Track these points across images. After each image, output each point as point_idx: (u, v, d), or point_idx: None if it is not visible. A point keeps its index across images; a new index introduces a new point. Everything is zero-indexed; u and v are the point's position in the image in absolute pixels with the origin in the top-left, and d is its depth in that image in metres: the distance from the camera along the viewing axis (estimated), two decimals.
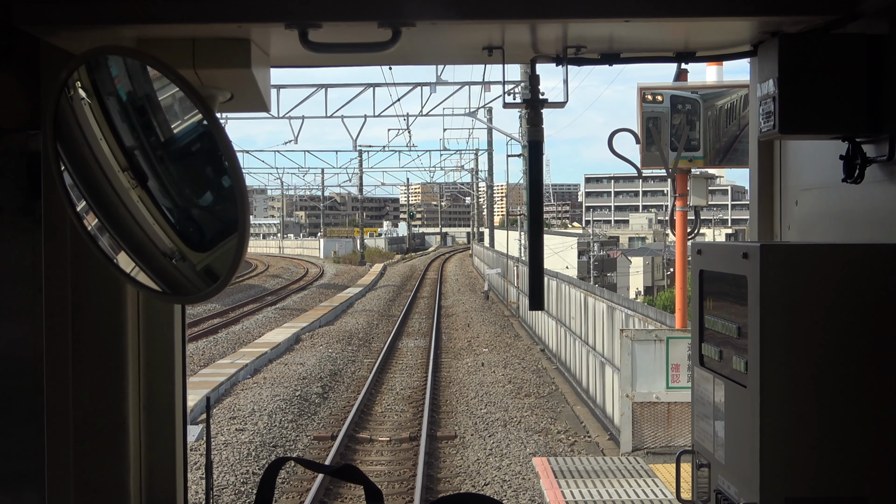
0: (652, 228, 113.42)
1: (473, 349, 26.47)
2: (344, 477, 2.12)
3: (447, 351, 26.71)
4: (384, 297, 44.50)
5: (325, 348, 26.28)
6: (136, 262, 2.36)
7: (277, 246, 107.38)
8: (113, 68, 2.32)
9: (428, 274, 63.99)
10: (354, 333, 29.90)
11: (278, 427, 16.70)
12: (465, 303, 40.70)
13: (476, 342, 27.90)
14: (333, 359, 24.40)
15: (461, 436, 16.40)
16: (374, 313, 36.42)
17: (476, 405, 18.71)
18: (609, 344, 17.22)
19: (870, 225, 2.79)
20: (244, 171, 2.31)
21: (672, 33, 2.94)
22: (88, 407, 2.76)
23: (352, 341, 28.24)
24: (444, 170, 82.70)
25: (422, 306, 40.74)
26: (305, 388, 20.10)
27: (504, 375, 22.09)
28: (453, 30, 2.85)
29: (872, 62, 2.69)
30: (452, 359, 25.18)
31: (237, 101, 2.89)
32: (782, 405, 2.63)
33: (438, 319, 34.32)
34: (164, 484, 2.87)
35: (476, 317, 34.67)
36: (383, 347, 26.65)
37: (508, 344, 27.66)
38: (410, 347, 27.63)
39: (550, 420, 17.62)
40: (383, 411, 18.71)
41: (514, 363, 23.96)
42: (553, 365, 24.28)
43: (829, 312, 2.64)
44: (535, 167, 3.12)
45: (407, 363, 24.73)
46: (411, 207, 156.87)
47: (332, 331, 30.24)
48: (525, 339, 29.57)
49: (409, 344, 28.44)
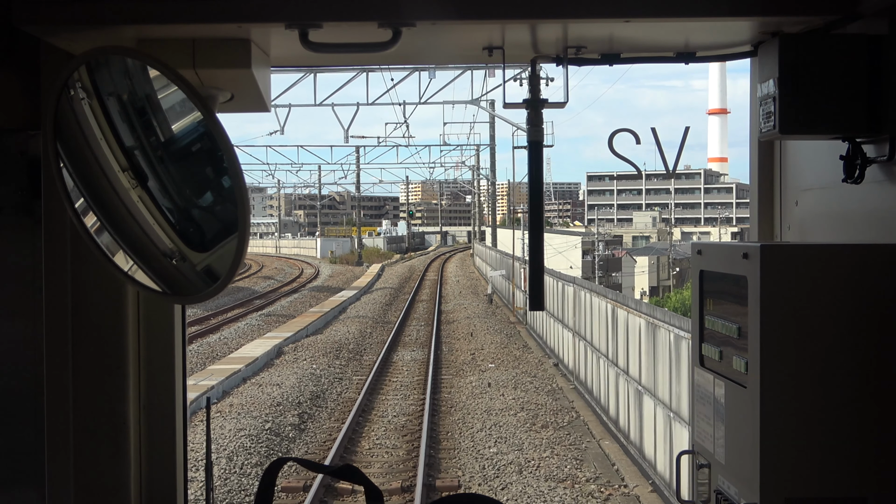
0: (656, 227, 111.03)
1: (478, 364, 23.76)
2: (344, 477, 2.19)
3: (448, 366, 23.98)
4: (380, 300, 41.54)
5: (310, 363, 23.33)
6: (136, 262, 2.39)
7: (274, 245, 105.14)
8: (113, 68, 2.35)
9: (427, 275, 61.27)
10: (344, 344, 27.05)
11: (237, 475, 13.24)
12: (467, 307, 37.84)
13: (480, 355, 25.13)
14: (317, 377, 21.36)
15: (466, 486, 12.99)
16: (367, 320, 33.59)
17: (483, 441, 15.69)
18: (649, 370, 13.77)
19: (870, 225, 2.82)
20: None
21: (672, 33, 2.95)
22: (88, 407, 2.80)
23: (341, 354, 25.37)
24: (444, 166, 79.71)
25: (420, 311, 38.09)
26: (279, 417, 16.84)
27: (515, 399, 19.12)
28: (453, 30, 2.88)
29: (872, 62, 2.71)
30: (454, 375, 22.38)
31: (237, 102, 2.92)
32: (782, 405, 2.66)
33: (438, 327, 31.69)
34: (164, 484, 2.91)
35: (479, 324, 31.82)
36: (376, 361, 23.98)
37: (517, 357, 24.86)
38: (407, 361, 24.86)
39: (575, 462, 14.38)
40: (371, 448, 15.52)
41: (525, 382, 21.06)
42: (570, 383, 21.57)
43: (829, 312, 2.67)
44: (535, 167, 3.15)
45: (402, 381, 21.87)
46: (411, 206, 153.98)
47: (320, 341, 27.30)
48: (535, 350, 26.87)
49: (406, 356, 25.63)
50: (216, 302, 36.00)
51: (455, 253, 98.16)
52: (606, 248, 57.39)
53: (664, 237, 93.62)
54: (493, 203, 68.42)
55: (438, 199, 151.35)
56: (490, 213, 67.02)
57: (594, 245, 54.55)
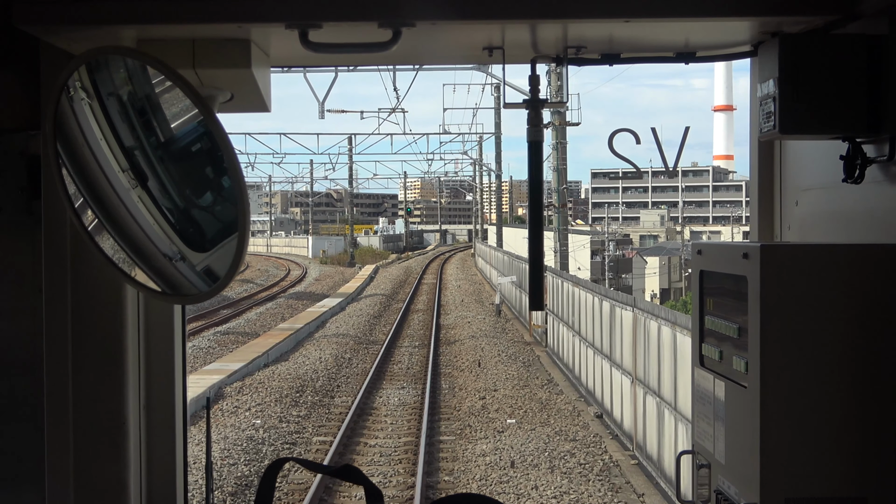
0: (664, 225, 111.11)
1: (490, 416, 18.11)
2: (344, 477, 2.24)
3: (449, 417, 18.21)
4: (368, 311, 36.55)
5: (254, 414, 17.49)
6: (136, 262, 2.45)
7: (265, 244, 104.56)
8: (113, 68, 2.41)
9: (425, 278, 57.75)
10: (311, 380, 21.25)
11: None
12: (472, 321, 33.08)
13: (493, 399, 19.56)
14: (256, 444, 15.35)
15: None
16: (349, 340, 28.21)
17: None
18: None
19: (870, 225, 2.89)
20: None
21: (672, 33, 3.03)
22: (88, 407, 2.86)
23: (303, 396, 19.51)
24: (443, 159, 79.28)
25: (415, 326, 33.16)
26: None
27: (556, 490, 13.29)
28: (453, 30, 2.96)
29: (872, 62, 2.78)
30: (458, 437, 16.74)
31: (237, 102, 2.98)
32: (782, 405, 2.73)
33: (436, 349, 26.63)
34: (164, 484, 2.98)
35: (488, 346, 26.72)
36: (350, 408, 18.04)
37: (544, 403, 19.23)
38: (393, 406, 19.20)
39: None
40: None
41: (562, 453, 15.28)
42: (626, 452, 15.86)
43: (829, 312, 2.74)
44: (535, 167, 3.22)
45: (383, 447, 15.91)
46: (409, 203, 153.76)
47: (280, 375, 21.55)
48: (563, 386, 21.57)
49: (392, 398, 20.03)
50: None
51: (455, 252, 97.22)
52: (617, 247, 56.89)
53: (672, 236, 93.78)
54: (498, 198, 64.97)
55: (438, 195, 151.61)
56: (496, 210, 65.31)
57: (604, 245, 53.90)
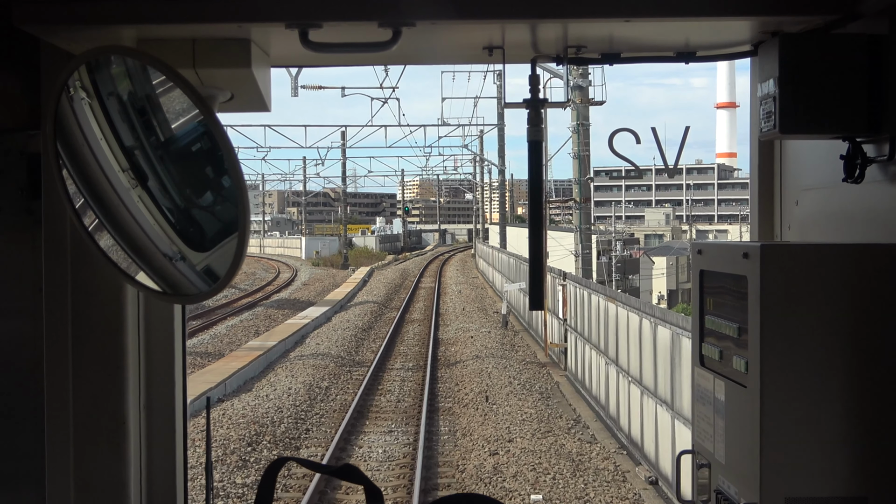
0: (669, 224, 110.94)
1: (507, 487, 13.86)
2: (344, 477, 2.26)
3: (450, 484, 14.09)
4: (356, 324, 32.35)
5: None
6: (136, 262, 2.49)
7: (258, 245, 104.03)
8: (113, 68, 2.45)
9: (423, 281, 54.75)
10: (272, 423, 17.09)
11: None
12: (475, 336, 29.06)
13: (509, 457, 15.34)
14: None
15: None
16: (329, 361, 24.12)
17: None
18: None
19: (870, 225, 2.93)
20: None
21: (672, 33, 3.07)
22: (88, 407, 2.91)
23: (257, 448, 15.43)
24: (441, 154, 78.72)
25: (409, 341, 29.19)
26: None
27: None
28: (453, 30, 3.00)
29: (872, 62, 2.83)
30: None
31: (237, 101, 3.02)
32: (782, 405, 2.78)
33: (433, 375, 22.37)
34: (164, 484, 3.02)
35: (496, 371, 22.77)
36: (307, 491, 12.99)
37: (575, 462, 15.25)
38: (376, 463, 14.99)
39: None
40: None
41: None
42: None
43: (830, 312, 2.79)
44: (535, 166, 3.27)
45: None
46: (408, 202, 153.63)
47: (234, 414, 17.42)
48: (595, 428, 17.69)
49: (376, 449, 15.79)
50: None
51: (455, 253, 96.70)
52: (624, 247, 56.35)
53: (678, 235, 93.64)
54: (501, 194, 63.39)
55: (437, 194, 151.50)
56: (498, 208, 63.96)
57: (610, 244, 53.27)
